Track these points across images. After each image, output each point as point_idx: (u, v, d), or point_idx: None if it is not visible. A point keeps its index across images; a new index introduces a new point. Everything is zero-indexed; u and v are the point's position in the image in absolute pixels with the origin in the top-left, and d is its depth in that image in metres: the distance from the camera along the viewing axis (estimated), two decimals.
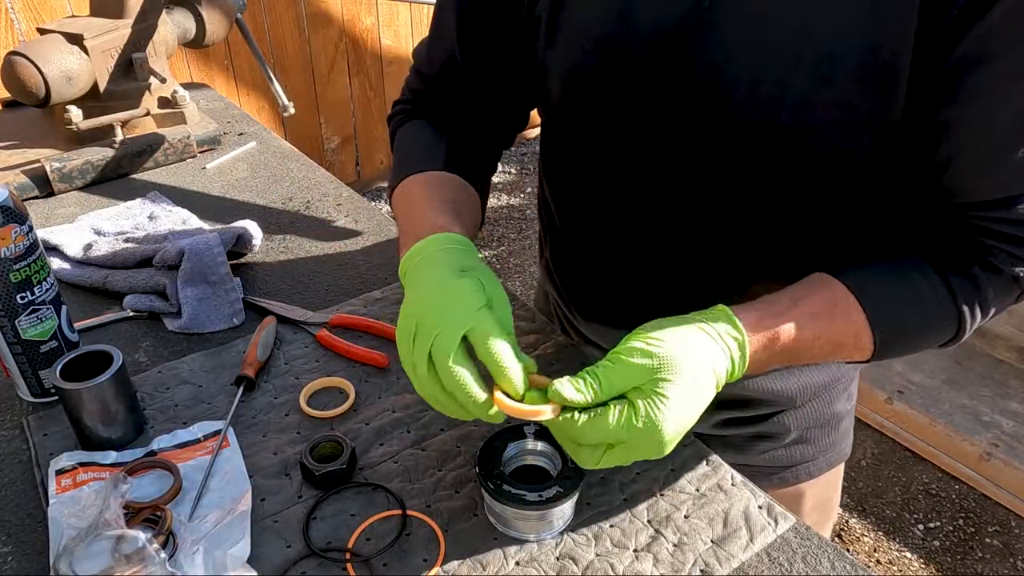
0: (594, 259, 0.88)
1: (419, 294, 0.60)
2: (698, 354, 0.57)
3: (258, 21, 2.93)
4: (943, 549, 1.91)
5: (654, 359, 0.56)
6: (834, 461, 0.97)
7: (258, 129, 1.50)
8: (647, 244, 0.80)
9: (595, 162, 0.79)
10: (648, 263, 0.81)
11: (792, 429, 0.91)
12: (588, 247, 0.88)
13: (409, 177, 0.78)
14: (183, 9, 1.41)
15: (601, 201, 0.82)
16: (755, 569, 0.64)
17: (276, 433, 0.77)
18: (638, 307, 0.87)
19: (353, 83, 3.33)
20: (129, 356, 0.88)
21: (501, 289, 0.62)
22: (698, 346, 0.58)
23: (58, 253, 1.04)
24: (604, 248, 0.86)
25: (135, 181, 1.30)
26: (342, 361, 0.87)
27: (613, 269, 0.86)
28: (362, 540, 0.66)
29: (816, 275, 0.68)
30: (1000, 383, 2.19)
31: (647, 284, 0.84)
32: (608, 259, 0.86)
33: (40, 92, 1.21)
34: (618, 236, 0.82)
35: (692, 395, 0.56)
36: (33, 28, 2.39)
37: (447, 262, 0.62)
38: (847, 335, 0.66)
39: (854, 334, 0.66)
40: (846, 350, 0.67)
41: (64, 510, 0.65)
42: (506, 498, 0.63)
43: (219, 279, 0.94)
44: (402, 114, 0.90)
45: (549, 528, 0.65)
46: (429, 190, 0.76)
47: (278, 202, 1.24)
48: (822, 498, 1.00)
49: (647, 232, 0.79)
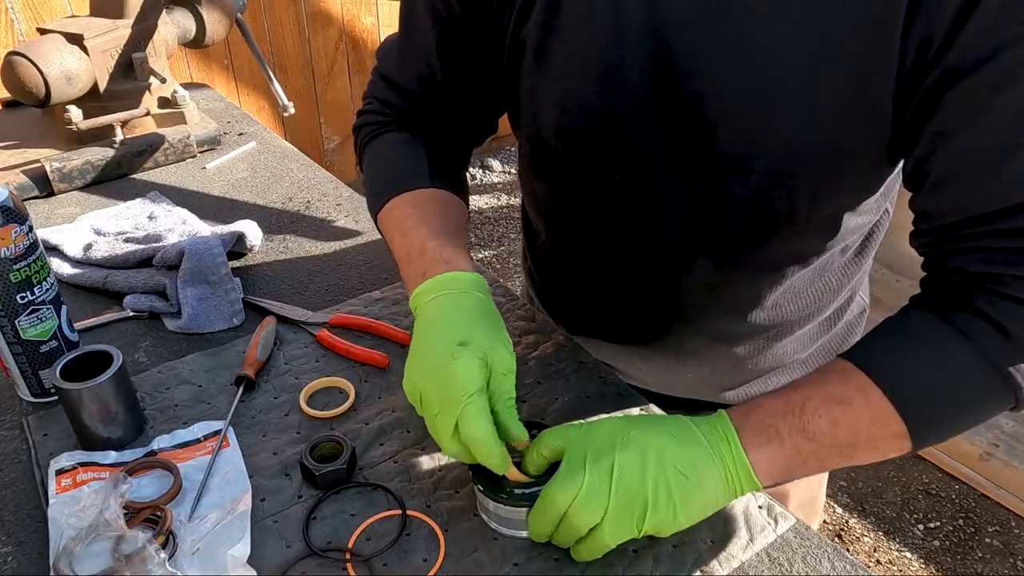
0: (576, 275, 0.89)
1: (422, 365, 0.64)
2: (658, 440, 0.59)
3: (258, 21, 2.93)
4: (943, 549, 1.91)
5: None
6: None
7: (258, 129, 1.50)
8: (631, 263, 0.80)
9: (580, 184, 0.78)
10: (632, 280, 0.82)
11: None
12: (571, 264, 0.88)
13: (396, 198, 0.78)
14: (183, 9, 1.41)
15: (584, 220, 0.82)
16: (755, 569, 0.64)
17: (276, 433, 0.77)
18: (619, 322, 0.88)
19: (353, 83, 3.33)
20: (129, 356, 0.88)
21: (500, 344, 0.63)
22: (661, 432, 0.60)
23: (58, 253, 1.04)
24: (586, 265, 0.86)
25: (135, 181, 1.30)
26: (342, 361, 0.87)
27: (595, 285, 0.87)
28: (362, 540, 0.66)
29: (833, 363, 0.63)
30: None
31: (629, 301, 0.85)
32: (590, 275, 0.87)
33: (40, 92, 1.21)
34: (600, 255, 0.83)
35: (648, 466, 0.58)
36: (33, 28, 2.39)
37: (448, 331, 0.64)
38: (870, 418, 0.59)
39: (877, 416, 0.59)
40: (877, 439, 0.61)
41: (64, 510, 0.65)
42: (496, 494, 0.63)
43: (219, 279, 0.94)
44: (372, 125, 0.86)
45: None
46: (421, 214, 0.75)
47: (278, 202, 1.24)
48: (807, 498, 1.00)
49: (631, 252, 0.79)
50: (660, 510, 0.57)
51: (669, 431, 0.60)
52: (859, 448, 0.60)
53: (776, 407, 0.60)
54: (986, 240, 0.58)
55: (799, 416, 0.59)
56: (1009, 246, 0.57)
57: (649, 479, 0.57)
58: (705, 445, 0.59)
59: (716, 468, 0.58)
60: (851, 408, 0.59)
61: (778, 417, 0.59)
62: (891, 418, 0.58)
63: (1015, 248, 0.56)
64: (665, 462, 0.58)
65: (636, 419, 0.63)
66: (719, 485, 0.58)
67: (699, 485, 0.58)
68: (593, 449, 0.59)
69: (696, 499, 0.58)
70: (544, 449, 0.62)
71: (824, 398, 0.59)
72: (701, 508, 0.59)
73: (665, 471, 0.57)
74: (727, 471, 0.58)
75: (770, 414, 0.60)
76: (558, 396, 0.81)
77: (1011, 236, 0.56)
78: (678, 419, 0.62)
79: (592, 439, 0.60)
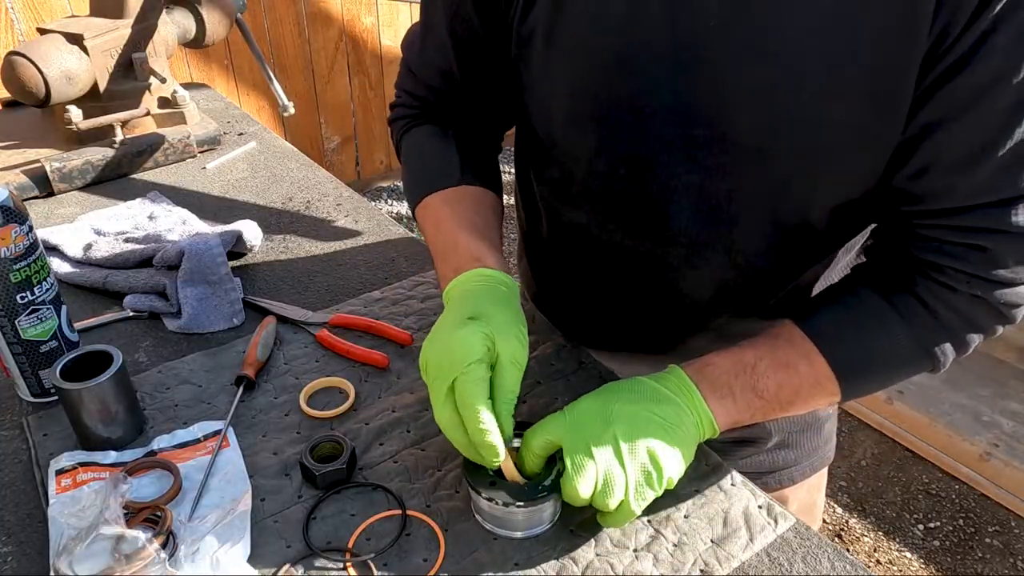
0: (578, 275, 0.88)
1: (432, 335, 0.66)
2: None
3: (258, 21, 2.93)
4: (943, 549, 1.91)
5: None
6: (817, 465, 0.97)
7: (258, 129, 1.50)
8: (635, 262, 0.79)
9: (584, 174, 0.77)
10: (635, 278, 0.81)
11: (774, 434, 0.91)
12: (572, 265, 0.87)
13: (432, 195, 0.80)
14: (183, 9, 1.41)
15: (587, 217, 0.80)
16: (755, 569, 0.64)
17: (276, 433, 0.77)
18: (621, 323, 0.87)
19: (353, 83, 3.33)
20: (129, 356, 0.88)
21: (514, 331, 0.64)
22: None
23: (58, 253, 1.04)
24: (589, 265, 0.85)
25: (135, 181, 1.30)
26: (342, 361, 0.87)
27: (597, 285, 0.86)
28: (362, 540, 0.66)
29: (781, 327, 0.70)
30: (1000, 383, 2.19)
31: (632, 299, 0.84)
32: (592, 275, 0.85)
33: (40, 92, 1.21)
34: (603, 253, 0.81)
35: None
36: (33, 28, 2.39)
37: (462, 307, 0.66)
38: (811, 382, 0.68)
39: (818, 381, 0.68)
40: (814, 398, 0.70)
41: (64, 510, 0.65)
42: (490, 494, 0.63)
43: (219, 279, 0.94)
44: (405, 119, 0.88)
45: (540, 524, 0.66)
46: (455, 211, 0.78)
47: (278, 202, 1.24)
48: (806, 502, 1.00)
49: (635, 250, 0.78)
50: (669, 465, 0.62)
51: (644, 395, 0.65)
52: (797, 405, 0.69)
53: (728, 366, 0.67)
54: (942, 232, 0.63)
55: (750, 375, 0.66)
56: (959, 241, 0.62)
57: (651, 443, 0.62)
58: (676, 399, 0.65)
59: (690, 416, 0.65)
60: (796, 373, 0.67)
61: (731, 375, 0.66)
62: (829, 382, 0.67)
63: (964, 243, 0.62)
64: (654, 423, 0.63)
65: (609, 393, 0.65)
66: (694, 430, 0.65)
67: (685, 432, 0.64)
68: (589, 436, 0.62)
69: (686, 444, 0.64)
70: (537, 449, 0.64)
71: (773, 361, 0.67)
72: (690, 451, 0.65)
73: (657, 432, 0.63)
74: (697, 419, 0.65)
75: (724, 372, 0.66)
76: (558, 396, 0.82)
77: (965, 232, 0.62)
78: (641, 381, 0.67)
79: (582, 426, 0.62)
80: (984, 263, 0.62)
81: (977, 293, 0.63)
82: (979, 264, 0.62)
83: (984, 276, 0.62)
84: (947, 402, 2.13)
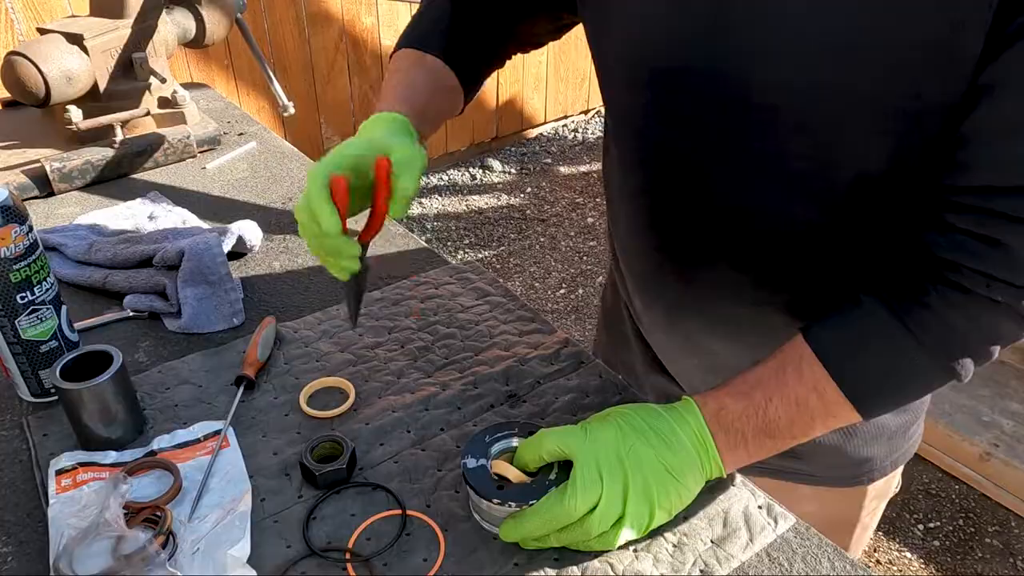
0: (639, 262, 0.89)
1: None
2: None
3: (258, 21, 2.93)
4: (943, 549, 1.91)
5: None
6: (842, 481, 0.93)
7: (258, 129, 1.50)
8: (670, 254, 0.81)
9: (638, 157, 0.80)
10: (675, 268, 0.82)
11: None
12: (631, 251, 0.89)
13: (402, 50, 0.87)
14: (183, 9, 1.41)
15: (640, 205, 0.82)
16: (755, 569, 0.64)
17: (276, 433, 0.77)
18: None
19: (353, 83, 3.33)
20: (129, 356, 0.88)
21: (395, 141, 0.70)
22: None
23: (58, 253, 1.05)
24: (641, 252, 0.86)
25: (135, 181, 1.30)
26: (342, 361, 0.87)
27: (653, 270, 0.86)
28: (362, 540, 0.66)
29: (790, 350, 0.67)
30: (1000, 383, 2.19)
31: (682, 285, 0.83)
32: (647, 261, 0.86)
33: (40, 92, 1.21)
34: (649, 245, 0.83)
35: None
36: (33, 28, 2.39)
37: (363, 129, 0.74)
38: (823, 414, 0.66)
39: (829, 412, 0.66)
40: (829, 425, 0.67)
41: (64, 510, 0.65)
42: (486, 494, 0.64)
43: (219, 279, 0.94)
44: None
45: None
46: (407, 76, 0.84)
47: (278, 202, 1.24)
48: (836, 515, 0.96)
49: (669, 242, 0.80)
50: (658, 518, 0.64)
51: (661, 437, 0.65)
52: (813, 434, 0.67)
53: (741, 410, 0.66)
54: (967, 220, 0.58)
55: (762, 417, 0.66)
56: (981, 233, 0.58)
57: (653, 490, 0.63)
58: (691, 450, 0.65)
59: (699, 470, 0.66)
60: (806, 409, 0.65)
61: (743, 420, 0.66)
62: (842, 409, 0.65)
63: (985, 237, 0.58)
64: (664, 476, 0.64)
65: (628, 426, 0.65)
66: (699, 483, 0.66)
67: (686, 487, 0.65)
68: (603, 460, 0.63)
69: (684, 498, 0.65)
70: (545, 452, 0.64)
71: (783, 399, 0.66)
72: (685, 503, 0.66)
73: (664, 483, 0.64)
74: (706, 470, 0.66)
75: (737, 418, 0.66)
76: (558, 396, 0.82)
77: (991, 219, 0.57)
78: (660, 416, 0.67)
79: (599, 449, 0.63)
80: (1004, 263, 0.58)
81: (997, 298, 0.59)
82: (999, 264, 0.58)
83: (1005, 280, 0.58)
84: (947, 402, 2.13)
